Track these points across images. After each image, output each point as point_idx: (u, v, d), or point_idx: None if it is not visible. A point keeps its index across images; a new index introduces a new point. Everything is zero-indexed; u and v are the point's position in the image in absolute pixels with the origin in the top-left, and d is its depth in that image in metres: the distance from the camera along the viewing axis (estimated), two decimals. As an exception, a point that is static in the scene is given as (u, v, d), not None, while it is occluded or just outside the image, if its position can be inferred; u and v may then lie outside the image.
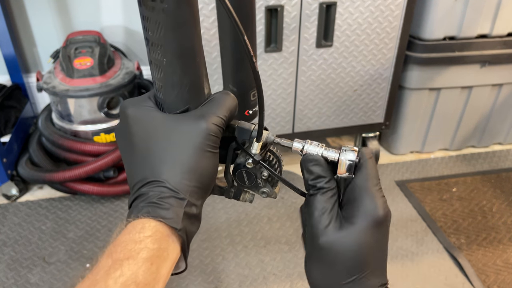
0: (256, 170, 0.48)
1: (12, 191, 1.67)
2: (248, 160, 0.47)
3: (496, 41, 1.70)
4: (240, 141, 0.47)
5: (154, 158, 0.40)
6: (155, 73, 0.40)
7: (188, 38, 0.38)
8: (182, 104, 0.41)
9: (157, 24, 0.36)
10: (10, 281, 1.35)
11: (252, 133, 0.46)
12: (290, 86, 1.62)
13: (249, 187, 0.50)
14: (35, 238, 1.51)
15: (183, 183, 0.39)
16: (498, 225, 1.57)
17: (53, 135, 1.68)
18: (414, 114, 1.87)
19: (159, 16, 0.35)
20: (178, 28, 0.36)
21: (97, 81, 1.62)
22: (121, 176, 1.69)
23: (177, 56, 0.38)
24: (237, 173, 0.48)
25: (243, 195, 0.51)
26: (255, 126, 0.46)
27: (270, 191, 0.50)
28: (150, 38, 0.37)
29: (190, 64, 0.39)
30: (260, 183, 0.49)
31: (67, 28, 1.92)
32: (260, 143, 0.46)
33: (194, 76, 0.40)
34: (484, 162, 1.95)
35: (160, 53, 0.38)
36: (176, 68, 0.39)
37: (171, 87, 0.40)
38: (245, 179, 0.49)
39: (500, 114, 1.95)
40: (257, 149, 0.46)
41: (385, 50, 1.63)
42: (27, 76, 1.96)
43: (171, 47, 0.37)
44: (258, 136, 0.45)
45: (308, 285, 0.47)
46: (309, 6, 1.47)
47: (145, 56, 2.04)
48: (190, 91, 0.40)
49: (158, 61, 0.38)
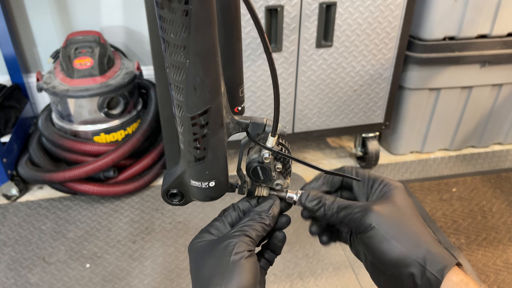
0: (270, 164, 0.49)
1: (12, 191, 1.67)
2: (264, 154, 0.48)
3: (496, 41, 1.70)
4: (253, 135, 0.48)
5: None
6: (175, 75, 0.39)
7: (210, 38, 0.38)
8: (203, 104, 0.41)
9: (180, 26, 0.36)
10: (10, 281, 1.35)
11: (265, 127, 0.47)
12: (290, 86, 1.62)
13: (263, 182, 0.51)
14: (35, 238, 1.51)
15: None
16: (498, 225, 1.57)
17: (53, 135, 1.68)
18: (414, 114, 1.87)
19: (183, 17, 0.35)
20: (202, 28, 0.36)
21: (97, 81, 1.62)
22: (121, 176, 1.69)
23: (200, 57, 0.38)
24: (251, 170, 0.49)
25: (258, 190, 0.52)
26: (267, 121, 0.47)
27: (284, 182, 0.51)
28: (172, 40, 0.37)
29: (211, 64, 0.39)
30: (274, 176, 0.50)
31: (67, 28, 1.92)
32: (275, 137, 0.47)
33: (214, 75, 0.40)
34: (484, 162, 1.95)
35: (183, 54, 0.37)
36: (198, 69, 0.38)
37: (193, 88, 0.39)
38: (259, 174, 0.50)
39: (500, 114, 1.95)
40: (273, 142, 0.47)
41: (385, 50, 1.63)
42: (27, 76, 1.96)
43: (195, 48, 0.37)
44: (274, 130, 0.46)
45: (308, 285, 0.47)
46: (309, 6, 1.47)
47: (145, 56, 2.04)
48: (211, 91, 0.40)
49: (180, 63, 0.38)
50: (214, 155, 0.45)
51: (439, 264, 0.43)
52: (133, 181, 1.71)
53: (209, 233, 0.49)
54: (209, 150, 0.44)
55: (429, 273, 0.42)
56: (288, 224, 0.52)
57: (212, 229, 0.49)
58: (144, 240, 1.51)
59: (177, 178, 0.48)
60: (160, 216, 1.61)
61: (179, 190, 0.49)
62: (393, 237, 0.45)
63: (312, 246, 1.48)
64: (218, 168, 0.46)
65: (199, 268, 0.46)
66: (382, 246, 0.45)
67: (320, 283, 1.36)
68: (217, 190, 0.48)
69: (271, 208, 0.49)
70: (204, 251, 0.46)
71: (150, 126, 1.74)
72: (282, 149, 0.49)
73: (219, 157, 0.46)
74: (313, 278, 1.37)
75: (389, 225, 0.45)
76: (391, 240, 0.45)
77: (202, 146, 0.43)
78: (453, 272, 0.43)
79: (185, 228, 1.56)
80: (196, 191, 0.48)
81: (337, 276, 1.38)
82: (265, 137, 0.47)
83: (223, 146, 0.45)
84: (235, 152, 1.97)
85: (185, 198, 0.50)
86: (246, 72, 1.55)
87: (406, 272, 0.44)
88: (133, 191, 1.70)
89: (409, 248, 0.44)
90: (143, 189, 1.74)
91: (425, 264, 0.43)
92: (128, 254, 1.46)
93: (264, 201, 0.51)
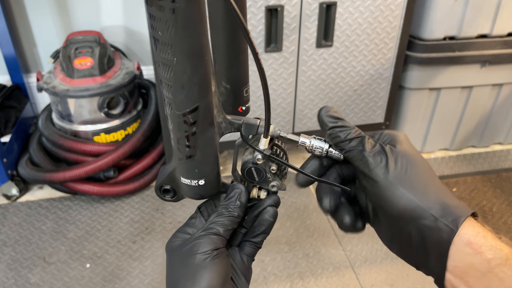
0: (265, 165, 0.48)
1: (12, 191, 1.67)
2: (257, 156, 0.47)
3: (496, 41, 1.70)
4: (246, 136, 0.47)
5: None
6: (164, 73, 0.40)
7: (198, 36, 0.38)
8: (191, 102, 0.41)
9: (167, 24, 0.36)
10: (11, 281, 1.35)
11: (258, 128, 0.46)
12: (290, 86, 1.62)
13: (258, 183, 0.50)
14: (35, 238, 1.51)
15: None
16: (498, 225, 1.57)
17: (53, 135, 1.68)
18: (414, 114, 1.87)
19: (170, 15, 0.35)
20: (189, 27, 0.37)
21: (97, 81, 1.62)
22: (121, 176, 1.69)
23: (187, 55, 0.38)
24: (246, 171, 0.49)
25: (253, 191, 0.51)
26: (260, 121, 0.47)
27: (280, 184, 0.50)
28: (160, 38, 0.37)
29: (199, 63, 0.39)
30: (270, 177, 0.50)
31: (67, 28, 1.92)
32: (267, 138, 0.46)
33: (203, 74, 0.40)
34: (484, 162, 1.95)
35: (170, 52, 0.38)
36: (186, 67, 0.39)
37: (180, 86, 0.40)
38: (254, 175, 0.49)
39: (500, 114, 1.95)
40: (265, 144, 0.47)
41: (385, 50, 1.63)
42: (27, 76, 1.96)
43: (182, 46, 0.37)
44: (265, 131, 0.46)
45: (308, 285, 0.47)
46: (309, 6, 1.47)
47: (145, 56, 2.04)
48: (200, 89, 0.41)
49: (167, 61, 0.38)
50: (203, 154, 0.45)
51: (452, 214, 0.38)
52: (133, 181, 1.71)
53: (184, 232, 0.48)
54: (198, 148, 0.44)
55: (441, 224, 0.37)
56: (277, 204, 0.50)
57: (188, 228, 0.49)
58: (144, 240, 1.51)
59: (169, 174, 0.48)
60: (160, 216, 1.61)
61: (171, 187, 0.49)
62: (401, 184, 0.40)
63: (312, 246, 1.48)
64: (207, 167, 0.46)
65: (169, 269, 0.46)
66: (388, 194, 0.40)
67: (320, 283, 1.36)
68: (207, 188, 0.48)
69: (238, 198, 0.48)
70: (175, 252, 0.46)
71: (150, 126, 1.74)
72: (277, 150, 0.49)
73: (209, 155, 0.46)
74: (314, 278, 1.37)
75: (398, 171, 0.40)
76: (399, 187, 0.39)
77: (191, 144, 0.43)
78: (469, 223, 0.37)
79: (185, 228, 1.56)
80: (186, 188, 0.48)
81: (337, 276, 1.38)
82: (258, 138, 0.47)
83: (214, 145, 0.45)
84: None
85: (177, 194, 0.50)
86: (246, 72, 1.55)
87: (414, 224, 0.39)
88: (133, 191, 1.70)
89: (418, 197, 0.39)
90: (143, 189, 1.74)
91: (438, 215, 0.38)
92: (128, 254, 1.46)
93: (230, 192, 0.49)
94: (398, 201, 0.39)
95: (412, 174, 0.40)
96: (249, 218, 0.50)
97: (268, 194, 0.51)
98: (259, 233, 0.49)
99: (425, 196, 0.39)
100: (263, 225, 0.49)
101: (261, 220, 0.49)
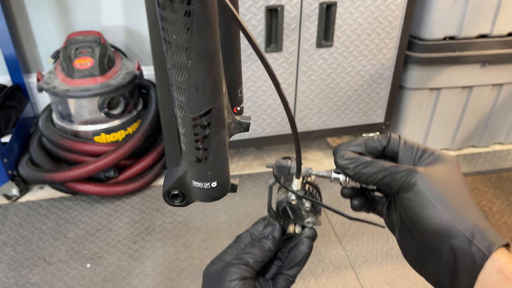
0: (299, 204, 0.51)
1: (12, 191, 1.67)
2: (291, 196, 0.50)
3: (496, 41, 1.70)
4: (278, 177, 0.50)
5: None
6: (177, 76, 0.39)
7: (212, 38, 0.38)
8: (205, 105, 0.41)
9: (182, 26, 0.36)
10: (11, 281, 1.35)
11: (290, 169, 0.49)
12: (291, 86, 1.62)
13: (294, 220, 0.52)
14: (35, 238, 1.51)
15: None
16: (499, 225, 1.57)
17: (54, 135, 1.68)
18: (414, 114, 1.87)
19: (185, 18, 0.35)
20: (204, 28, 0.36)
21: (97, 81, 1.62)
22: (121, 176, 1.69)
23: (202, 58, 0.38)
24: (281, 210, 0.51)
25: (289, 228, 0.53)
26: (291, 162, 0.49)
27: (315, 220, 0.52)
28: (173, 41, 0.37)
29: (213, 65, 0.39)
30: (304, 214, 0.52)
31: (67, 28, 1.92)
32: (300, 179, 0.49)
33: (216, 76, 0.40)
34: (485, 162, 1.95)
35: (185, 55, 0.37)
36: (201, 70, 0.39)
37: (195, 89, 0.40)
38: (289, 213, 0.51)
39: (500, 114, 1.95)
40: (298, 185, 0.49)
41: (385, 50, 1.63)
42: (27, 76, 1.96)
43: (197, 48, 0.37)
44: (297, 173, 0.48)
45: (308, 285, 0.48)
46: (309, 6, 1.47)
47: (146, 56, 2.04)
48: (213, 91, 0.41)
49: (182, 64, 0.38)
50: (216, 156, 0.45)
51: (487, 240, 0.38)
52: (134, 181, 1.71)
53: (221, 260, 0.52)
54: (211, 150, 0.44)
55: (475, 248, 0.37)
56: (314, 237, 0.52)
57: (225, 255, 0.52)
58: (144, 240, 1.51)
59: (178, 179, 0.48)
60: (160, 216, 1.61)
61: (180, 191, 0.49)
62: (439, 203, 0.39)
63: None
64: (220, 169, 0.46)
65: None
66: (424, 211, 0.40)
67: (320, 283, 1.36)
68: (219, 190, 0.48)
69: (271, 233, 0.51)
70: (209, 278, 0.50)
71: (151, 126, 1.74)
72: (310, 188, 0.51)
73: (221, 157, 0.46)
74: (314, 278, 1.37)
75: (436, 189, 0.40)
76: (437, 205, 0.39)
77: (204, 146, 0.43)
78: (502, 251, 0.37)
79: (186, 228, 1.56)
80: (198, 192, 0.48)
81: (338, 276, 1.38)
82: (290, 179, 0.50)
83: (225, 147, 0.45)
84: (235, 152, 1.97)
85: (186, 199, 0.50)
86: (246, 72, 1.55)
87: (447, 244, 0.38)
88: (133, 191, 1.70)
89: (455, 217, 0.39)
90: (143, 189, 1.74)
91: (472, 238, 0.38)
92: (129, 254, 1.46)
93: (266, 227, 0.52)
94: (434, 219, 0.39)
95: (451, 194, 0.40)
96: (285, 250, 0.52)
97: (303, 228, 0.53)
98: (293, 264, 0.51)
99: (462, 218, 0.39)
100: (298, 257, 0.51)
101: (297, 251, 0.51)
